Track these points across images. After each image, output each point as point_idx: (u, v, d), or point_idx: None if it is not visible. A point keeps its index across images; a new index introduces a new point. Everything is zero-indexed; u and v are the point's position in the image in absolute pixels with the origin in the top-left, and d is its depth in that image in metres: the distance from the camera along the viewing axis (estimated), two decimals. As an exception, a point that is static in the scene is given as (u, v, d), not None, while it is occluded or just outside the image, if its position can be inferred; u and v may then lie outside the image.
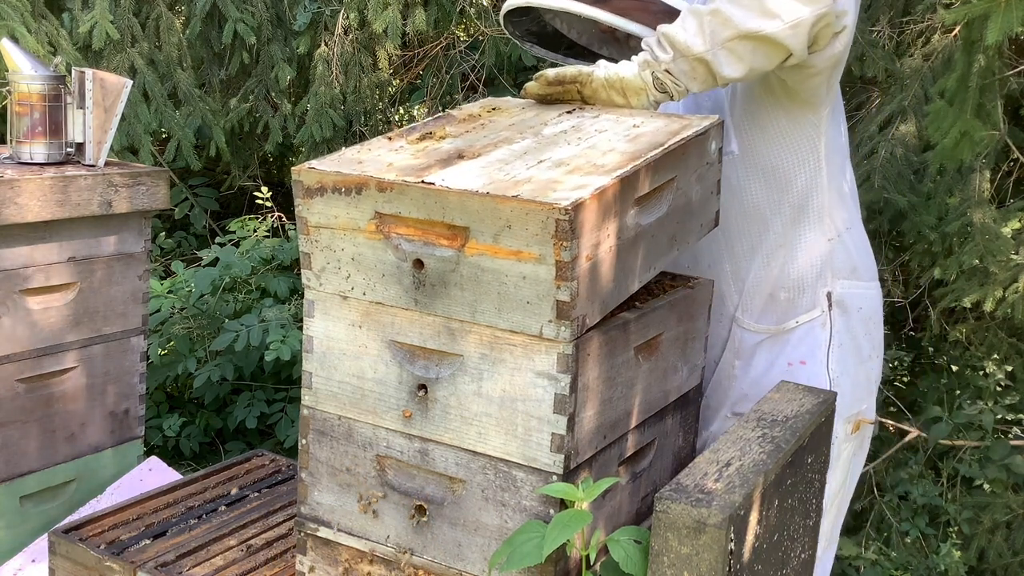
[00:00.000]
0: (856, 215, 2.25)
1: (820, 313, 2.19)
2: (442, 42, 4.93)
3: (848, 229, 2.20)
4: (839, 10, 1.85)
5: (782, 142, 2.12)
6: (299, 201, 1.70)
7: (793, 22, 1.82)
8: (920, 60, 3.66)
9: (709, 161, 1.91)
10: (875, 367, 2.30)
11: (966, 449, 3.86)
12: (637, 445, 1.84)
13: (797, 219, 2.16)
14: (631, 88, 1.97)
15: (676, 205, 1.81)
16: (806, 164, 2.13)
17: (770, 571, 1.68)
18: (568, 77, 2.03)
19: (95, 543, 2.16)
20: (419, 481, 1.72)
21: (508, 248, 1.54)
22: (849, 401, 2.21)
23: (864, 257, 2.24)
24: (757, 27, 1.83)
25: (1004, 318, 3.58)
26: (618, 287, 1.66)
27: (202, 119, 4.67)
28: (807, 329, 2.20)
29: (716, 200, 1.98)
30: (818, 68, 1.97)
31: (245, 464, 2.63)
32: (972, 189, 3.45)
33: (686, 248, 1.90)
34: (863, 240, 2.25)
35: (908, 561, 3.72)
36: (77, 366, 2.64)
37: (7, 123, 2.63)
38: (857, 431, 2.25)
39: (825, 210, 2.16)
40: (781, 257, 2.18)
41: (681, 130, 1.84)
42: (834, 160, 2.15)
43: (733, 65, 1.87)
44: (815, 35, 1.87)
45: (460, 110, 2.04)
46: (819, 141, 2.11)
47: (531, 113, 1.99)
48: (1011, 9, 2.39)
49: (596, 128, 1.85)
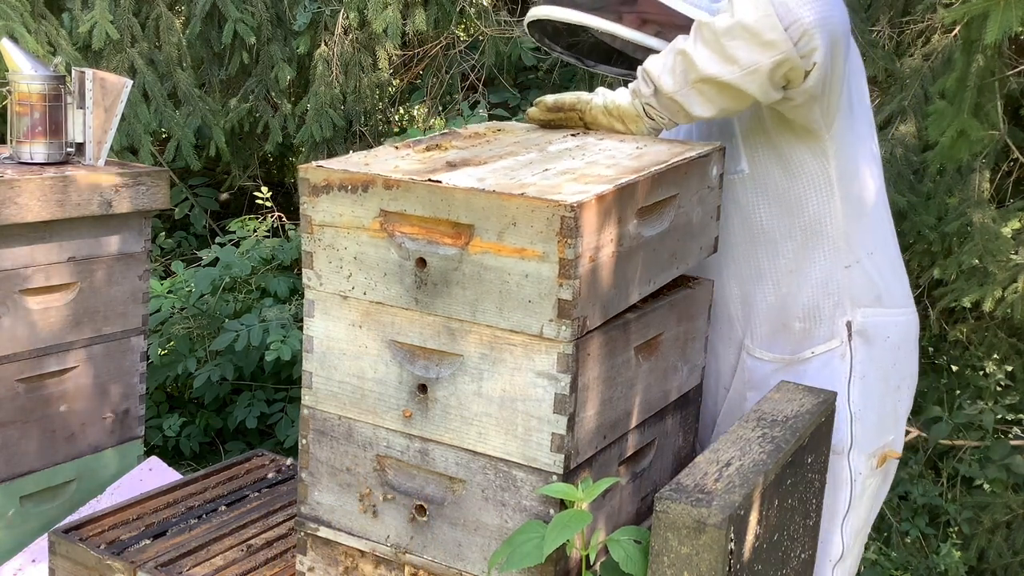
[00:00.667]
0: (885, 238, 2.14)
1: (839, 344, 2.08)
2: (442, 42, 4.93)
3: (871, 254, 2.09)
4: (804, 51, 1.80)
5: (791, 164, 2.06)
6: (304, 199, 1.71)
7: (750, 68, 1.81)
8: (920, 60, 3.66)
9: (710, 185, 1.93)
10: (905, 397, 2.18)
11: (966, 449, 3.86)
12: (637, 445, 1.84)
13: (809, 244, 2.08)
14: (628, 116, 1.98)
15: (677, 223, 1.82)
16: (817, 188, 2.06)
17: (770, 571, 1.68)
18: (567, 104, 2.04)
19: (95, 543, 2.16)
20: (419, 481, 1.72)
21: (512, 246, 1.54)
22: (874, 435, 2.10)
23: (892, 282, 2.12)
24: (716, 72, 1.83)
25: (1004, 318, 3.58)
26: (618, 294, 1.66)
27: (202, 119, 4.67)
28: (825, 360, 2.09)
29: (715, 226, 1.99)
30: (797, 102, 1.93)
31: (245, 464, 2.63)
32: (972, 189, 3.45)
33: (685, 269, 1.90)
34: (891, 264, 2.14)
35: (908, 561, 3.72)
36: (77, 366, 2.64)
37: (7, 123, 2.63)
38: (883, 465, 2.15)
39: (841, 235, 2.06)
40: (792, 284, 2.09)
41: (684, 152, 1.87)
42: (851, 184, 2.06)
43: (703, 105, 1.88)
44: (783, 76, 1.84)
45: (465, 128, 2.08)
46: (828, 164, 2.04)
47: (536, 134, 2.03)
48: (1010, 8, 2.39)
49: (600, 147, 1.89)
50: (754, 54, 1.80)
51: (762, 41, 1.79)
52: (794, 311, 2.10)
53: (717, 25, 1.82)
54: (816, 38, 1.79)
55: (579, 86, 4.74)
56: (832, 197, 2.06)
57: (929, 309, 3.94)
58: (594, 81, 4.65)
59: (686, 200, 1.84)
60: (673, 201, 1.80)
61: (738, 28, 1.79)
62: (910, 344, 2.17)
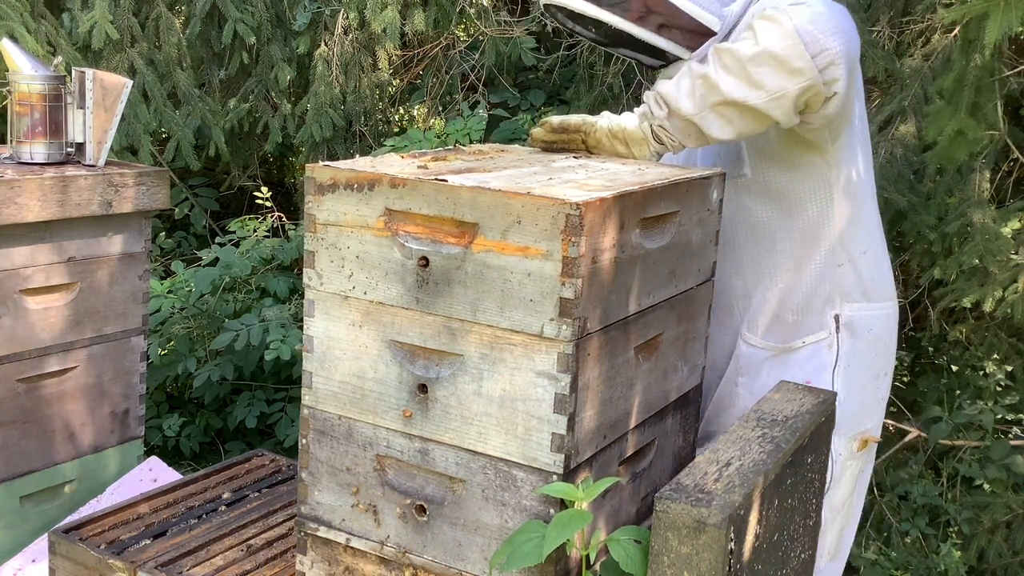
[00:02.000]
0: (875, 236, 2.25)
1: (827, 335, 2.20)
2: (442, 42, 4.93)
3: (864, 253, 2.19)
4: (828, 79, 1.87)
5: (795, 171, 2.13)
6: (309, 198, 1.73)
7: (777, 94, 1.86)
8: (920, 60, 3.66)
9: (710, 208, 1.96)
10: (884, 385, 2.30)
11: (966, 449, 3.86)
12: (637, 445, 1.84)
13: (806, 243, 2.17)
14: (633, 139, 2.02)
15: (677, 240, 1.84)
16: (818, 194, 2.14)
17: (770, 571, 1.68)
18: (572, 126, 2.08)
19: (95, 543, 2.16)
20: (419, 481, 1.72)
21: (516, 244, 1.56)
22: (855, 420, 2.22)
23: (878, 279, 2.23)
24: (742, 97, 1.88)
25: (1004, 318, 3.58)
26: (618, 300, 1.67)
27: (202, 119, 4.67)
28: (813, 350, 2.20)
29: (714, 251, 2.02)
30: (815, 125, 2.00)
31: (245, 464, 2.63)
32: (972, 189, 3.45)
33: (683, 288, 1.92)
34: (879, 261, 2.25)
35: (908, 561, 3.72)
36: (77, 366, 2.64)
37: (7, 123, 2.63)
38: (864, 448, 2.26)
39: (837, 238, 2.16)
40: (787, 279, 2.19)
41: (685, 173, 1.92)
42: (848, 189, 2.15)
43: (722, 127, 1.93)
44: (805, 102, 1.90)
45: (469, 146, 2.14)
46: (830, 173, 2.12)
47: (539, 155, 2.07)
48: (1010, 9, 2.39)
49: (603, 168, 1.92)
50: (781, 80, 1.85)
51: (790, 68, 1.84)
52: (789, 304, 2.20)
53: (741, 52, 1.86)
54: (840, 67, 1.86)
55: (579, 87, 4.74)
56: (831, 203, 2.15)
57: (929, 309, 3.94)
58: (594, 80, 4.65)
59: (687, 219, 1.86)
60: (674, 217, 1.82)
61: (765, 55, 1.84)
62: (889, 335, 2.29)
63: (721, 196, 2.00)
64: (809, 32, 1.83)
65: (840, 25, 1.88)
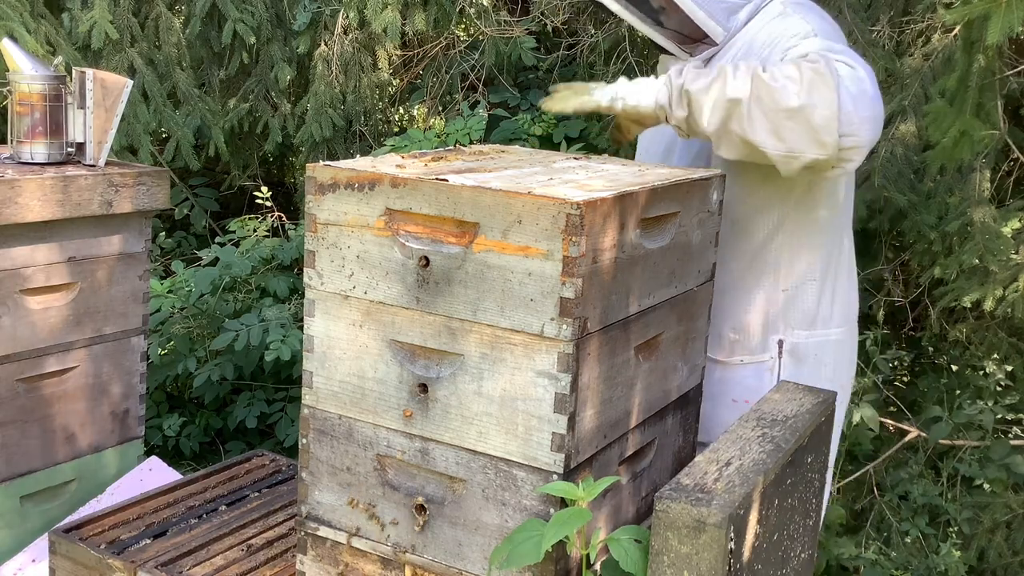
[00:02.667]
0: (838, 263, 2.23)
1: (769, 359, 2.20)
2: (442, 42, 4.93)
3: (814, 280, 2.19)
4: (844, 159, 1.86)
5: (753, 197, 2.14)
6: (310, 198, 1.73)
7: (795, 153, 1.87)
8: (920, 60, 3.66)
9: (710, 210, 1.96)
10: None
11: (966, 449, 3.86)
12: (637, 444, 1.84)
13: (754, 267, 2.18)
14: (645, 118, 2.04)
15: (678, 240, 1.85)
16: (769, 218, 2.15)
17: (770, 570, 1.68)
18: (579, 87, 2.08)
19: (95, 543, 2.16)
20: (419, 480, 1.72)
21: (516, 244, 1.56)
22: None
23: (827, 306, 2.22)
24: (760, 141, 1.88)
25: (1004, 317, 3.58)
26: (618, 301, 1.67)
27: (201, 119, 4.67)
28: (754, 370, 2.21)
29: (714, 252, 2.03)
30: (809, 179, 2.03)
31: (245, 464, 2.63)
32: (972, 188, 3.45)
33: (683, 290, 1.92)
34: (834, 288, 2.23)
35: (908, 561, 3.71)
36: (77, 366, 2.64)
37: (8, 123, 2.63)
38: None
39: (782, 261, 2.17)
40: (732, 297, 2.20)
41: (685, 173, 1.92)
42: (806, 217, 2.15)
43: (729, 151, 1.95)
44: (811, 165, 1.90)
45: (470, 147, 2.14)
46: (786, 204, 2.13)
47: (540, 156, 2.07)
48: (1011, 9, 2.39)
49: (604, 168, 1.93)
50: (802, 144, 1.85)
51: (816, 139, 1.84)
52: (729, 322, 2.21)
53: (782, 101, 1.84)
54: (860, 154, 1.88)
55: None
56: (780, 225, 2.15)
57: (929, 308, 3.94)
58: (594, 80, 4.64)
59: (687, 220, 1.87)
60: (674, 218, 1.82)
61: (802, 117, 1.83)
62: (840, 362, 2.27)
63: (721, 197, 2.01)
64: (848, 113, 1.82)
65: (875, 112, 1.86)
